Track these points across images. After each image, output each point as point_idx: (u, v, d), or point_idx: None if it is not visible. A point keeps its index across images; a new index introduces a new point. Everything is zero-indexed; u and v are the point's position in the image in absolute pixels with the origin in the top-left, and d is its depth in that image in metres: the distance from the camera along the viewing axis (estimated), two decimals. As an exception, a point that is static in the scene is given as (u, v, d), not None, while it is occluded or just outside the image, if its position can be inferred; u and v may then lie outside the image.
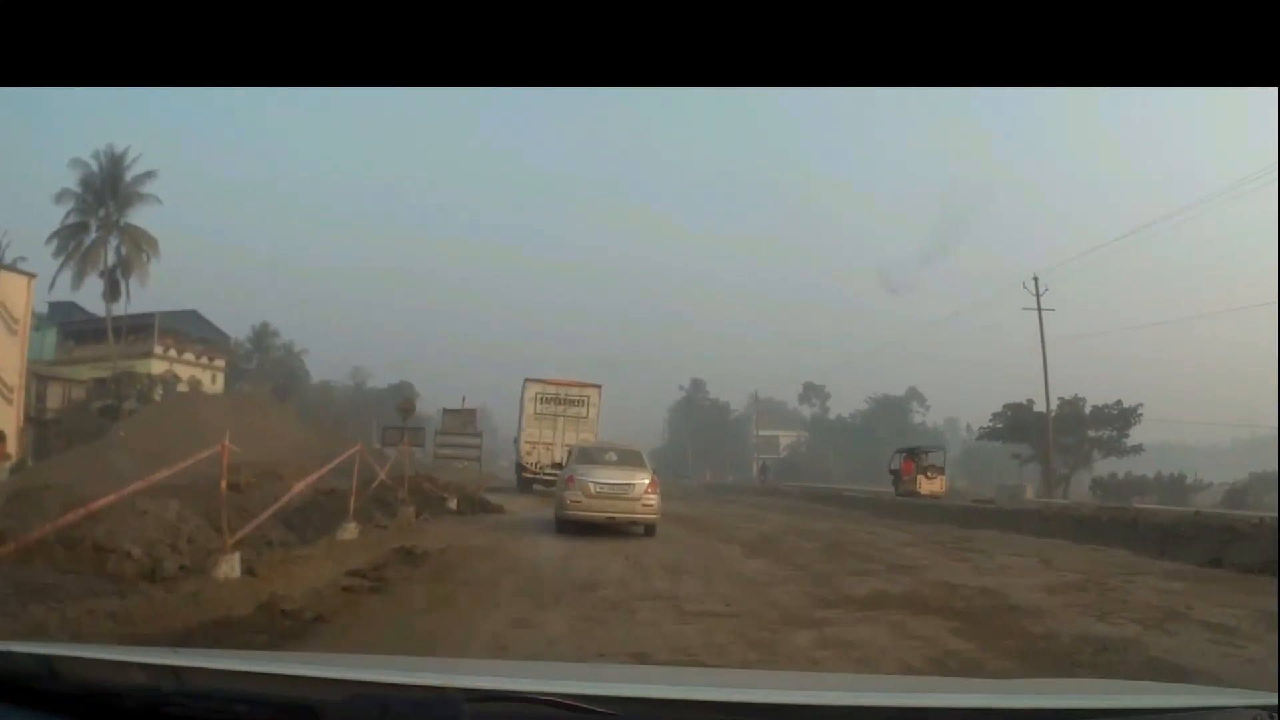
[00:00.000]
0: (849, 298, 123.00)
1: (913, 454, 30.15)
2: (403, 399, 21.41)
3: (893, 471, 30.37)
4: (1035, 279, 35.11)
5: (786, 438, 78.70)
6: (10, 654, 1.68)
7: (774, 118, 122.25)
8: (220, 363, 46.14)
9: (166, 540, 9.12)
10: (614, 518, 12.49)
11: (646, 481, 12.67)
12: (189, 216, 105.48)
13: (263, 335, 60.21)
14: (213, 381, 43.88)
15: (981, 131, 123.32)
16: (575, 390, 21.81)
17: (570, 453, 15.42)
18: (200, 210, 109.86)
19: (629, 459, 13.45)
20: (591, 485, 12.52)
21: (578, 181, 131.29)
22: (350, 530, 11.03)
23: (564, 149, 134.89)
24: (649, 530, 12.71)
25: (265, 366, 59.37)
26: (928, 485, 28.01)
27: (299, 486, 10.20)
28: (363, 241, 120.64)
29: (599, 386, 22.08)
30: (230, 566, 8.04)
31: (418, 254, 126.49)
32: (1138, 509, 17.26)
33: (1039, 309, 34.72)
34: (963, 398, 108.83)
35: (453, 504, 16.05)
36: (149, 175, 40.93)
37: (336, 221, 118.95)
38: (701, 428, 79.49)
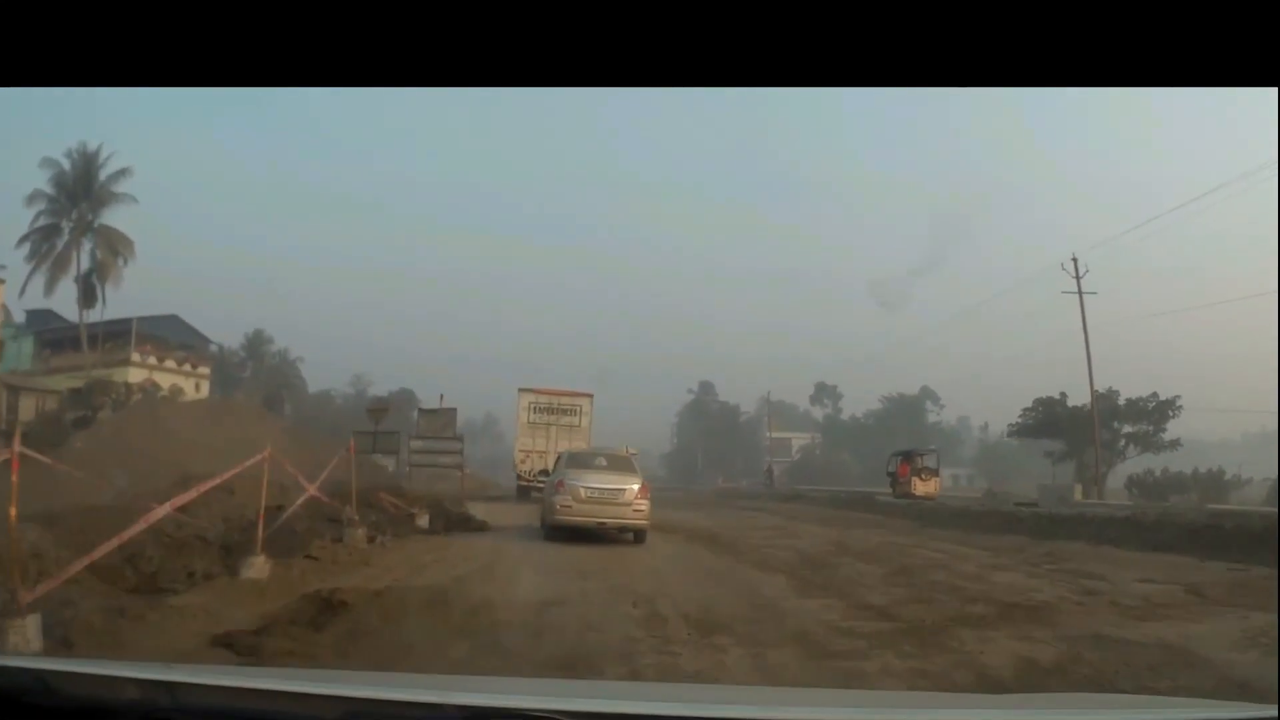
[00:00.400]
0: (858, 298, 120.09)
1: (908, 456, 30.34)
2: (373, 400, 18.51)
3: (890, 474, 30.57)
4: (1075, 260, 32.00)
5: (799, 440, 75.47)
6: (4, 668, 1.64)
7: (777, 118, 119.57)
8: (205, 370, 43.25)
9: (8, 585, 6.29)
10: (604, 523, 11.98)
11: (637, 487, 12.19)
12: (179, 220, 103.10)
13: (256, 342, 57.42)
14: (197, 389, 40.98)
15: (984, 133, 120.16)
16: (567, 399, 21.57)
17: (559, 458, 14.46)
18: (191, 215, 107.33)
19: (619, 464, 12.96)
20: (582, 490, 11.95)
21: (583, 188, 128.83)
22: (256, 566, 8.03)
23: (567, 154, 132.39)
24: (639, 537, 12.23)
25: (259, 374, 56.58)
26: (922, 486, 28.01)
27: (160, 511, 7.21)
28: (362, 249, 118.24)
29: (590, 395, 22.00)
30: (24, 636, 5.19)
31: (419, 260, 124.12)
32: (1263, 515, 14.09)
33: (1079, 292, 31.54)
34: (975, 396, 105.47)
35: (423, 521, 13.02)
36: (123, 173, 38.19)
37: (333, 229, 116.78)
38: (711, 431, 76.34)
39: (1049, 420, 40.36)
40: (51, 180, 38.07)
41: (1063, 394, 39.88)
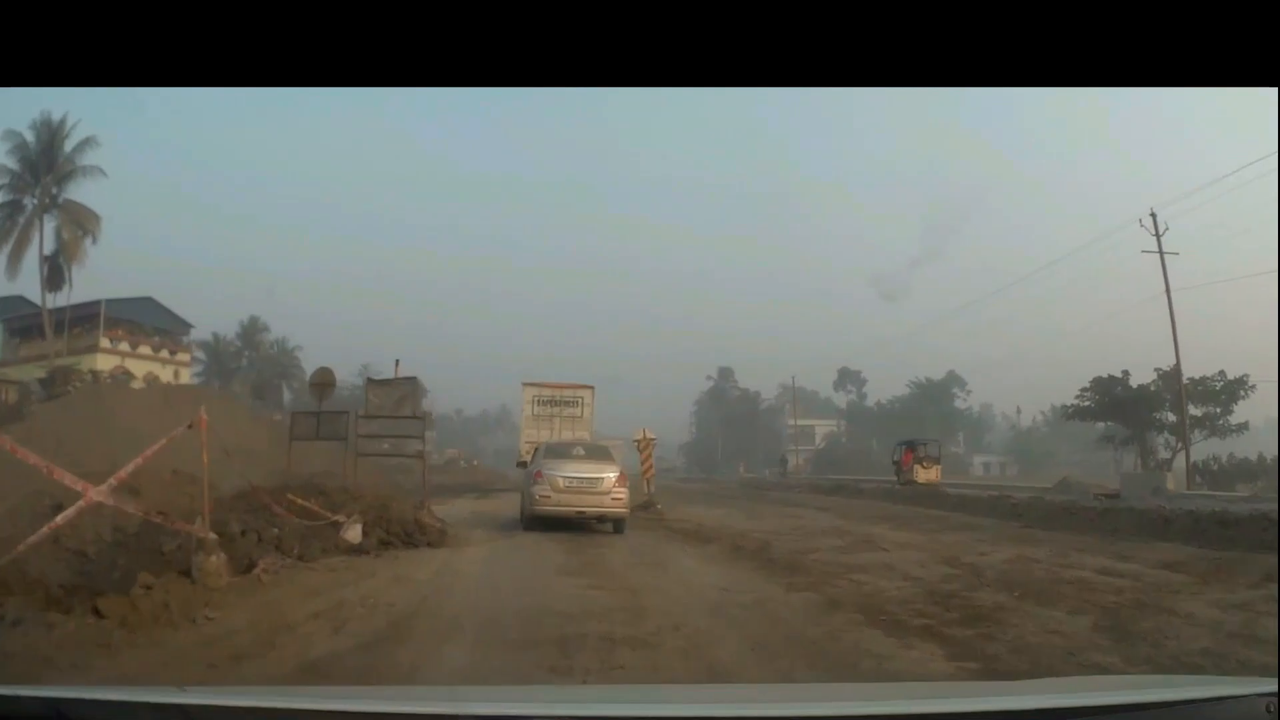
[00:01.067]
0: (877, 283, 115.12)
1: (911, 446, 31.15)
2: (317, 371, 14.51)
3: (895, 462, 31.47)
4: (1154, 215, 27.48)
5: (823, 427, 70.96)
6: (16, 698, 1.56)
7: (788, 113, 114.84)
8: (185, 356, 39.51)
9: None
10: (583, 512, 11.94)
11: (614, 476, 12.12)
12: (174, 205, 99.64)
13: (251, 331, 53.75)
14: (175, 377, 37.22)
15: (994, 124, 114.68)
16: (569, 392, 21.95)
17: (538, 449, 13.78)
18: (189, 200, 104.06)
19: (597, 454, 12.98)
20: (560, 480, 11.88)
21: (599, 181, 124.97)
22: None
23: (585, 148, 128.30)
24: (618, 527, 12.14)
25: (255, 364, 52.97)
26: (924, 474, 28.60)
27: None
28: (372, 240, 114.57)
29: (592, 387, 22.50)
30: None
31: (434, 251, 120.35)
32: None
33: (1160, 251, 27.09)
34: (999, 383, 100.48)
35: (353, 533, 8.98)
36: (88, 143, 34.38)
37: (341, 221, 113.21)
38: (731, 419, 71.92)
39: (1108, 402, 35.88)
40: (12, 153, 34.39)
41: (1125, 372, 35.43)
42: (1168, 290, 27.17)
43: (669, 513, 15.79)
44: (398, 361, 13.52)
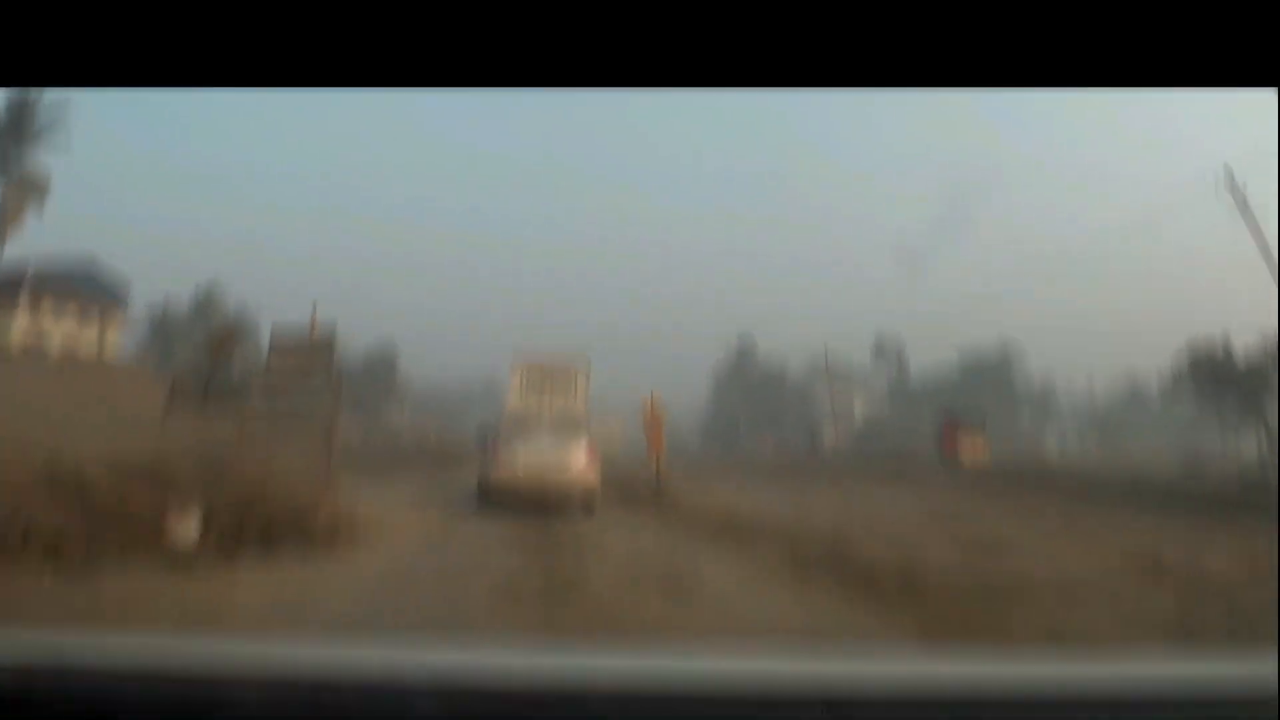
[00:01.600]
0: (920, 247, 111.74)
1: (954, 422, 30.99)
2: (217, 326, 11.58)
3: (938, 438, 31.39)
4: (1229, 173, 23.81)
5: (860, 399, 67.39)
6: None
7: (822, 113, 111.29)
8: (118, 325, 36.53)
9: None
10: (545, 488, 10.88)
11: (584, 449, 11.38)
12: (146, 180, 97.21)
13: (207, 300, 50.93)
14: (101, 348, 34.15)
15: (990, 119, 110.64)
16: (561, 364, 21.22)
17: (502, 417, 13.48)
18: (166, 175, 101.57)
19: (566, 425, 12.35)
20: (521, 451, 11.13)
21: (617, 154, 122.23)
22: None
23: (605, 146, 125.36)
24: (587, 508, 10.92)
25: (206, 334, 50.28)
26: (969, 451, 28.23)
27: None
28: (362, 201, 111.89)
29: (586, 360, 22.02)
30: None
31: (427, 211, 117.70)
32: None
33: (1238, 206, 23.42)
34: (1056, 355, 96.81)
35: (188, 528, 6.01)
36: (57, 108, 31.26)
37: (328, 196, 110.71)
38: (754, 390, 68.43)
39: (1206, 373, 32.57)
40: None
41: (1226, 337, 32.00)
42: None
43: (685, 497, 12.81)
44: (314, 306, 10.33)
